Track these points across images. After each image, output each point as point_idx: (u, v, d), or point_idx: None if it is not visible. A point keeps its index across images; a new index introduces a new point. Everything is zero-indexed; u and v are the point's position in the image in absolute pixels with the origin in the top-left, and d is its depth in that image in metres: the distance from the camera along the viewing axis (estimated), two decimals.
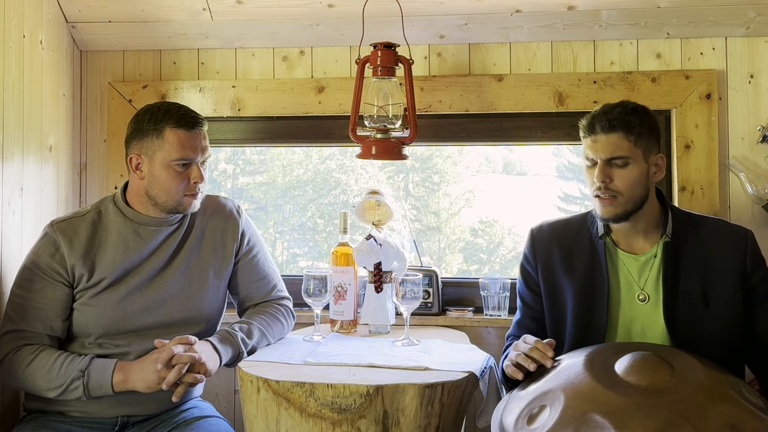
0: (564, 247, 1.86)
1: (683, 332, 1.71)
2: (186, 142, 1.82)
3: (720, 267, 1.75)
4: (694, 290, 1.74)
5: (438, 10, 2.25)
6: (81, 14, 2.37)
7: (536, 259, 1.89)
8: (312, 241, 4.24)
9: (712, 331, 1.72)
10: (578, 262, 1.83)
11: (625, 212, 1.74)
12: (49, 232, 1.86)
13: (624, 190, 1.72)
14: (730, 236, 1.79)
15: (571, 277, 1.82)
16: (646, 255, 1.79)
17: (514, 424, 1.43)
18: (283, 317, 2.02)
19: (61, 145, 2.36)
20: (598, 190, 1.73)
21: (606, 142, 1.71)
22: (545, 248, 1.88)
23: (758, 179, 2.19)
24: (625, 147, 1.71)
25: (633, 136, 1.71)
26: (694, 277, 1.75)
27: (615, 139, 1.71)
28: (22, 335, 1.81)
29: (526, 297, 1.92)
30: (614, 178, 1.72)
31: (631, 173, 1.72)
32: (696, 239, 1.78)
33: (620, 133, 1.71)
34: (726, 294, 1.74)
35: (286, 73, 2.42)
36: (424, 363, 1.76)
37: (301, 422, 1.63)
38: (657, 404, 1.32)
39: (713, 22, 2.20)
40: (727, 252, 1.76)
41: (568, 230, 1.89)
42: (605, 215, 1.75)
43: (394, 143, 2.14)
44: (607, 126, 1.71)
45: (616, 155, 1.71)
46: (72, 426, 1.81)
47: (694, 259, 1.76)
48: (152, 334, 1.82)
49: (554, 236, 1.89)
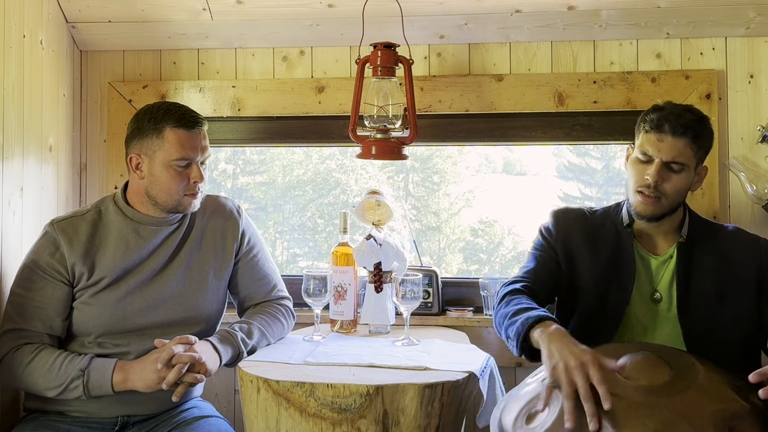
0: (588, 228, 1.86)
1: (697, 331, 1.72)
2: (186, 141, 1.82)
3: (734, 271, 1.76)
4: (707, 287, 1.75)
5: (438, 10, 2.25)
6: (81, 14, 2.37)
7: (558, 233, 1.87)
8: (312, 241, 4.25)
9: (726, 327, 1.72)
10: (603, 247, 1.82)
11: (662, 214, 1.75)
12: (50, 231, 1.86)
13: (670, 194, 1.72)
14: (746, 243, 1.80)
15: (594, 256, 1.81)
16: (663, 256, 1.80)
17: (513, 423, 1.43)
18: (283, 317, 2.02)
19: (61, 145, 2.36)
20: (645, 188, 1.72)
21: (672, 144, 1.70)
22: (569, 226, 1.87)
23: (758, 179, 2.19)
24: (688, 154, 1.70)
25: (696, 146, 1.71)
26: (708, 274, 1.76)
27: (682, 144, 1.70)
28: (21, 334, 1.81)
29: (544, 254, 1.87)
30: (666, 180, 1.71)
31: (683, 180, 1.72)
32: (712, 243, 1.79)
33: (688, 140, 1.70)
34: (739, 290, 1.75)
35: (286, 73, 2.42)
36: (424, 363, 1.76)
37: (301, 422, 1.63)
38: (656, 404, 1.32)
39: (713, 22, 2.20)
40: (742, 258, 1.77)
41: (592, 218, 1.89)
42: (643, 212, 1.75)
43: (394, 143, 2.14)
44: (680, 130, 1.69)
45: (677, 160, 1.70)
46: (72, 426, 1.81)
47: (708, 261, 1.77)
48: (152, 334, 1.82)
49: (578, 218, 1.89)
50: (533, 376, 1.57)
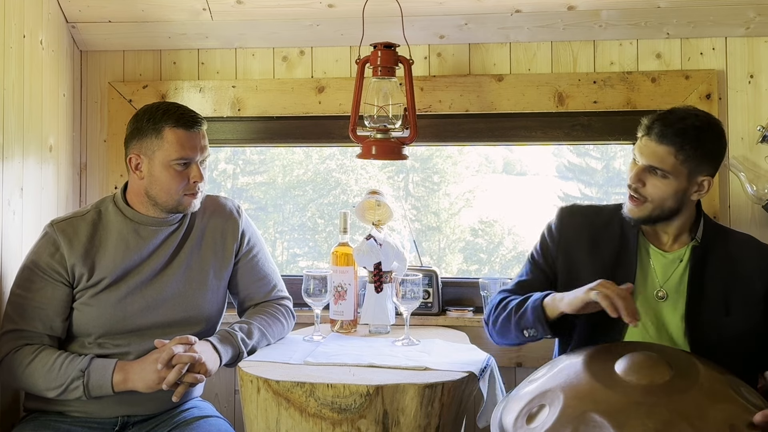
0: (593, 228, 1.84)
1: (701, 336, 1.70)
2: (185, 141, 1.82)
3: (744, 279, 1.73)
4: (716, 296, 1.72)
5: (438, 10, 2.25)
6: (81, 14, 2.37)
7: (561, 236, 1.85)
8: (312, 241, 4.25)
9: (730, 337, 1.70)
10: (606, 246, 1.80)
11: (649, 217, 1.72)
12: (49, 231, 1.86)
13: (654, 198, 1.69)
14: (758, 252, 1.77)
15: (596, 258, 1.79)
16: (673, 254, 1.77)
17: (513, 423, 1.43)
18: (283, 317, 2.02)
19: (61, 145, 2.36)
20: (629, 187, 1.71)
21: (653, 150, 1.66)
22: (573, 227, 1.85)
23: (758, 179, 2.19)
24: (669, 163, 1.65)
25: (682, 156, 1.65)
26: (719, 284, 1.73)
27: (663, 151, 1.65)
28: (22, 335, 1.81)
29: (540, 262, 1.87)
30: (648, 184, 1.68)
31: (667, 186, 1.67)
32: (724, 249, 1.77)
33: (670, 148, 1.64)
34: (748, 304, 1.72)
35: (286, 73, 2.42)
36: (424, 363, 1.76)
37: (301, 422, 1.63)
38: (656, 404, 1.32)
39: (713, 22, 2.20)
40: (753, 266, 1.74)
41: (599, 215, 1.86)
42: (629, 214, 1.74)
43: (394, 143, 2.14)
44: (664, 137, 1.65)
45: (656, 166, 1.66)
46: (72, 426, 1.81)
47: (719, 267, 1.75)
48: (152, 334, 1.82)
49: (585, 217, 1.86)
50: (533, 376, 1.57)
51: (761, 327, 1.73)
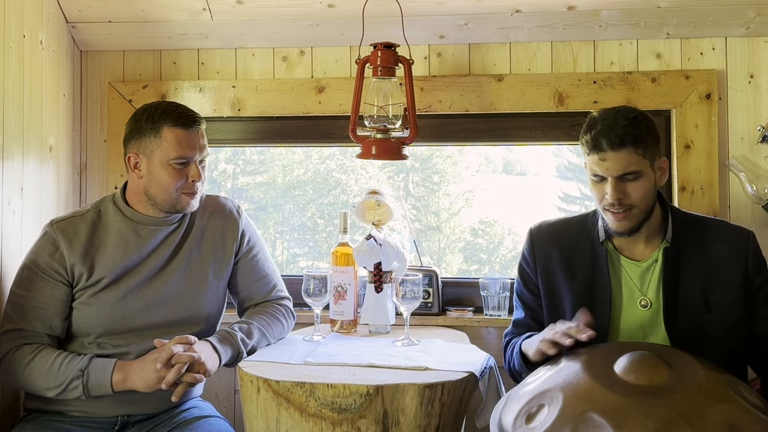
0: (564, 250, 1.83)
1: (684, 338, 1.69)
2: (184, 140, 1.82)
3: (721, 271, 1.73)
4: (695, 296, 1.72)
5: (438, 10, 2.25)
6: (81, 14, 2.37)
7: (535, 260, 1.86)
8: (312, 241, 4.25)
9: (713, 336, 1.70)
10: (579, 267, 1.80)
11: (639, 224, 1.71)
12: (49, 231, 1.86)
13: (638, 203, 1.68)
14: (732, 239, 1.76)
15: (571, 281, 1.79)
16: (647, 261, 1.76)
17: (513, 423, 1.43)
18: (283, 317, 2.02)
19: (61, 145, 2.37)
20: (611, 206, 1.68)
21: (616, 159, 1.64)
22: (545, 249, 1.85)
23: (758, 179, 2.19)
24: (635, 161, 1.65)
25: (641, 149, 1.65)
26: (696, 282, 1.73)
27: (625, 155, 1.64)
28: (21, 334, 1.81)
29: (526, 298, 1.89)
30: (628, 192, 1.67)
31: (644, 185, 1.67)
32: (697, 243, 1.75)
33: (630, 148, 1.63)
34: (728, 298, 1.72)
35: (286, 73, 2.42)
36: (424, 363, 1.76)
37: (301, 422, 1.63)
38: (655, 404, 1.33)
39: (713, 22, 2.20)
40: (729, 255, 1.73)
41: (568, 232, 1.85)
42: (620, 229, 1.71)
43: (394, 143, 2.14)
44: (617, 142, 1.63)
45: (628, 171, 1.65)
46: (72, 426, 1.81)
47: (695, 264, 1.74)
48: (152, 334, 1.82)
49: (554, 238, 1.85)
50: (533, 376, 1.57)
51: (743, 319, 1.72)
